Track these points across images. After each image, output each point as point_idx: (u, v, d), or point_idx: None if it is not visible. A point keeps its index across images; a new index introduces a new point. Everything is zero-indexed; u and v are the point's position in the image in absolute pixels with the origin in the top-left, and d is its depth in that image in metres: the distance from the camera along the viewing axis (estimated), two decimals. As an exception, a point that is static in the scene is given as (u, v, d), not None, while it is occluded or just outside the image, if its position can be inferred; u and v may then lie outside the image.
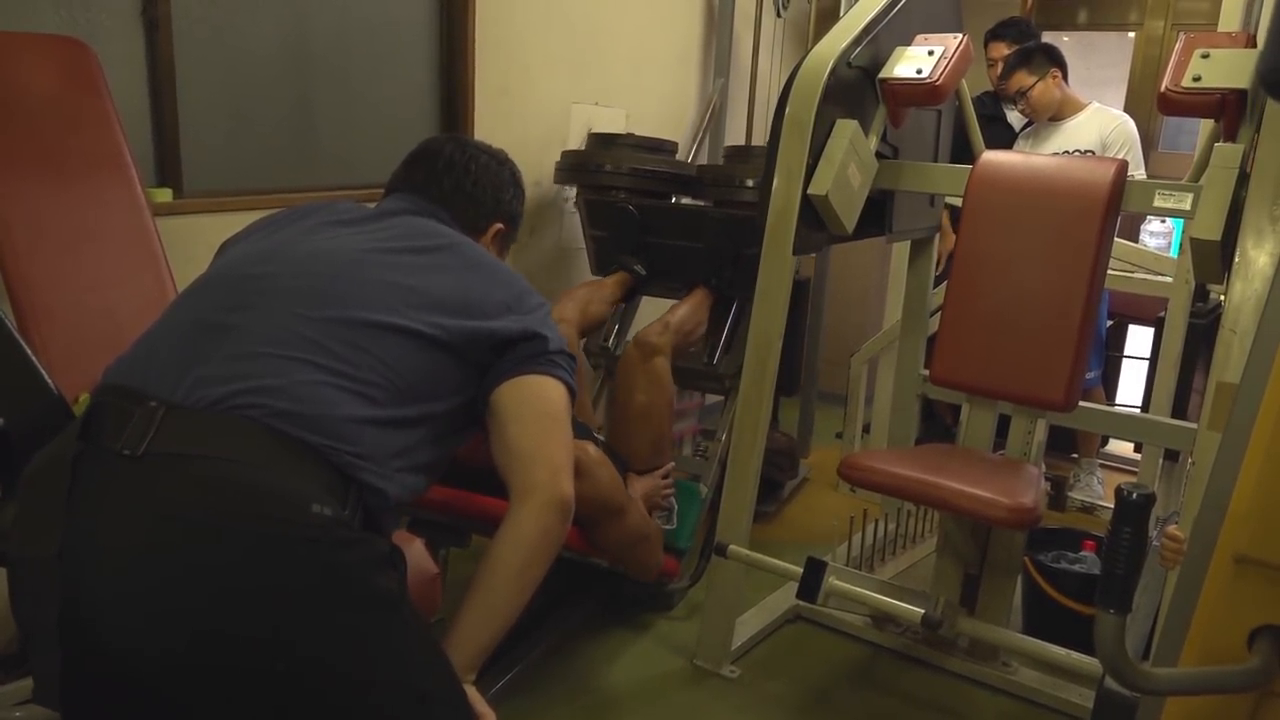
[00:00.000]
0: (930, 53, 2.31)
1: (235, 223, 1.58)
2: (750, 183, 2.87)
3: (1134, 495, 0.91)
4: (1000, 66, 3.66)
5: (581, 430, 2.24)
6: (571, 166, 3.19)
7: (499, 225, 1.59)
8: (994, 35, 3.81)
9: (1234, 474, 0.92)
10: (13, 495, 1.18)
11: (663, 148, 3.24)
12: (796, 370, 3.42)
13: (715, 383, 3.04)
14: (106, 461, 1.13)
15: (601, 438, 2.51)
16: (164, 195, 2.39)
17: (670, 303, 2.93)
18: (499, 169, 1.60)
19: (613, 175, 3.08)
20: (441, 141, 1.60)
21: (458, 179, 1.54)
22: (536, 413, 1.34)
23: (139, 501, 1.10)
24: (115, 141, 2.11)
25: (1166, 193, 2.14)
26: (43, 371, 1.32)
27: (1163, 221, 4.36)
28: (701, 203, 3.17)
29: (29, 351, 1.33)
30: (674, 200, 3.25)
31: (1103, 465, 3.86)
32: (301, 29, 2.72)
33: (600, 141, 3.22)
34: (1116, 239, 2.52)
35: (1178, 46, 2.08)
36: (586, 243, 3.25)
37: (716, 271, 2.92)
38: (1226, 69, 1.98)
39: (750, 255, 2.40)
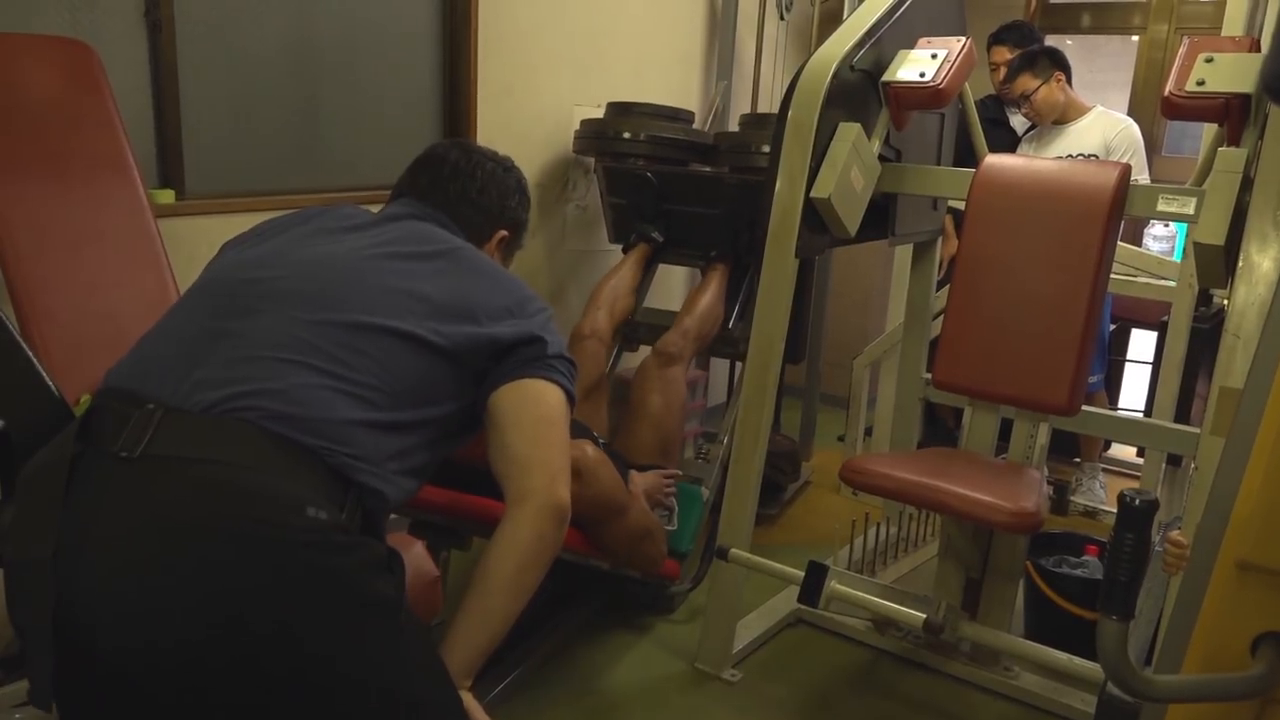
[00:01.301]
0: (933, 56, 2.31)
1: (237, 224, 1.58)
2: (765, 148, 2.87)
3: (1137, 501, 0.91)
4: (1002, 70, 3.66)
5: (580, 430, 2.24)
6: (591, 134, 3.21)
7: (503, 232, 1.59)
8: (996, 39, 3.81)
9: (1237, 479, 0.92)
10: (11, 496, 1.18)
11: (680, 116, 3.26)
12: (803, 336, 3.42)
13: (730, 347, 3.08)
14: (104, 464, 1.13)
15: (602, 440, 2.51)
16: (166, 197, 2.39)
17: (684, 272, 2.94)
18: (504, 176, 1.60)
19: (631, 143, 3.11)
20: (447, 147, 1.60)
21: (463, 185, 1.54)
22: (533, 417, 1.33)
23: (135, 504, 1.10)
24: (117, 143, 2.11)
25: (1170, 197, 2.13)
26: (44, 373, 1.32)
27: (1166, 225, 4.36)
28: (718, 169, 3.18)
29: (30, 353, 1.32)
30: (691, 167, 3.27)
31: (1105, 469, 3.85)
32: (304, 30, 2.72)
33: (619, 110, 3.25)
34: (1120, 243, 2.51)
35: (1182, 51, 2.08)
36: (605, 210, 3.29)
37: (733, 237, 2.95)
38: (1230, 73, 1.97)
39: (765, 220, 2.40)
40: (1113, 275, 2.32)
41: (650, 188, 3.06)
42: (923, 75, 2.28)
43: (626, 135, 3.12)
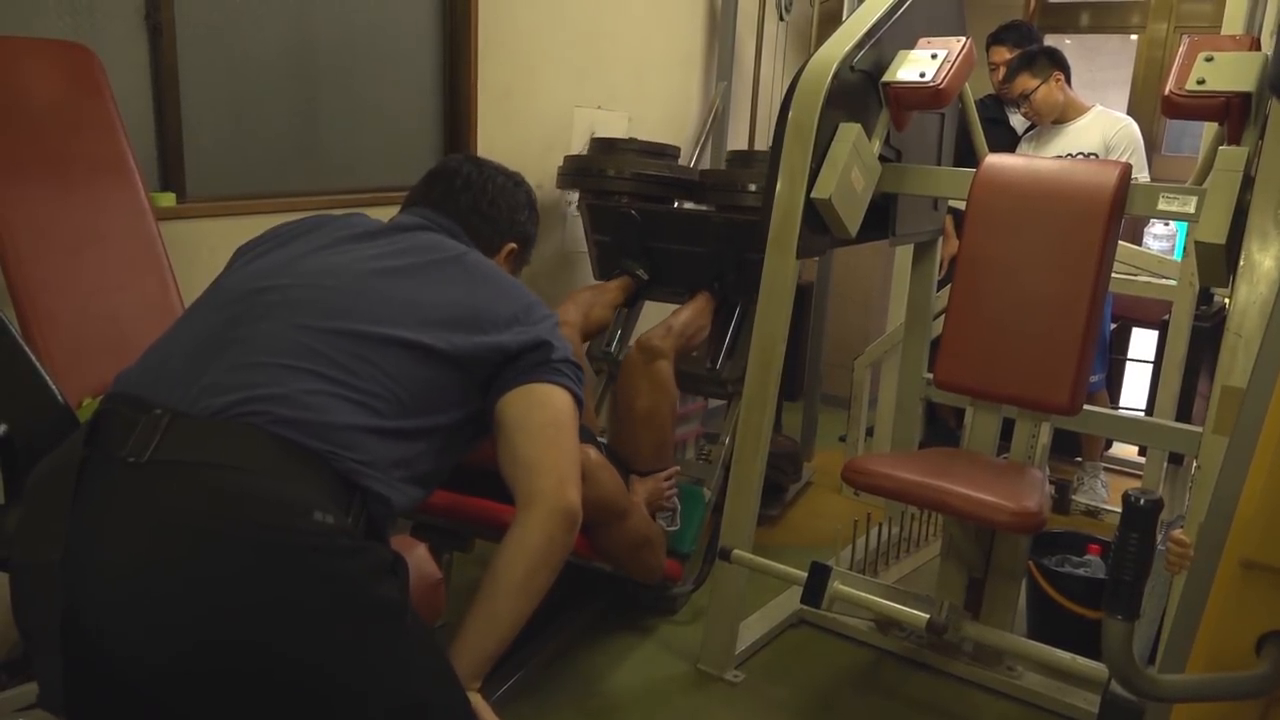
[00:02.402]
0: (933, 56, 2.31)
1: (238, 227, 1.58)
2: (753, 187, 2.87)
3: (1142, 501, 0.91)
4: (1001, 70, 3.66)
5: (583, 434, 2.24)
6: (574, 171, 3.18)
7: (512, 245, 1.61)
8: (995, 39, 3.81)
9: (1241, 478, 0.92)
10: (16, 501, 1.18)
11: (665, 152, 3.23)
12: (799, 375, 3.40)
13: (718, 387, 3.03)
14: (111, 468, 1.13)
15: (604, 440, 2.51)
16: (167, 199, 2.39)
17: (673, 307, 2.93)
18: (514, 190, 1.62)
19: (615, 180, 3.08)
20: (460, 161, 1.62)
21: (474, 198, 1.56)
22: (542, 421, 1.34)
23: (142, 508, 1.10)
24: (118, 146, 2.11)
25: (1171, 196, 2.13)
26: (47, 377, 1.32)
27: (1166, 224, 4.36)
28: (704, 207, 3.17)
29: (33, 357, 1.32)
30: (676, 205, 3.25)
31: (1107, 468, 3.85)
32: (305, 33, 2.72)
33: (603, 146, 3.22)
34: (1120, 242, 2.51)
35: (1182, 49, 2.08)
36: (589, 247, 3.25)
37: (719, 276, 2.92)
38: (1231, 72, 1.97)
39: (752, 260, 2.40)
40: (1113, 274, 2.32)
41: (634, 225, 3.02)
42: (923, 75, 2.28)
43: (611, 172, 3.07)
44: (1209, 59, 2.01)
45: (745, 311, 2.91)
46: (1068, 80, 3.48)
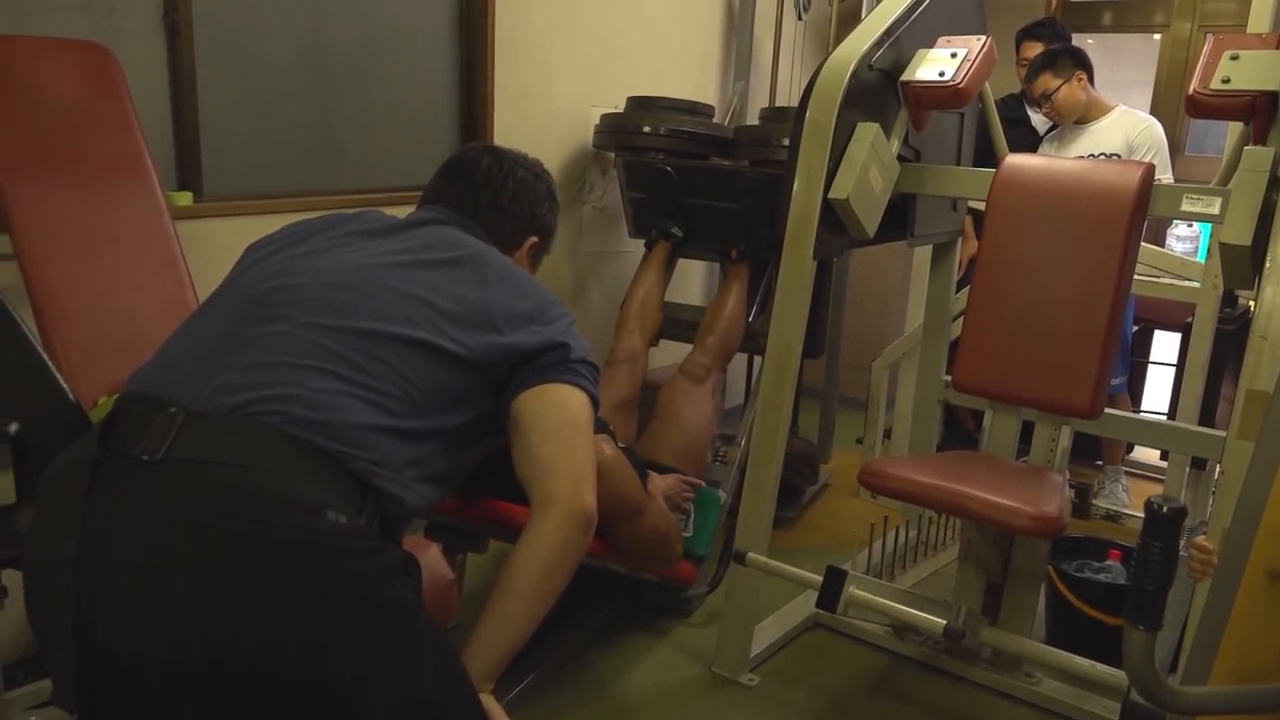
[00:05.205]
0: (953, 55, 2.28)
1: (255, 226, 1.58)
2: (786, 141, 2.87)
3: (1165, 509, 0.89)
4: (1033, 67, 3.63)
5: (597, 425, 2.24)
6: (611, 129, 3.22)
7: (534, 239, 1.59)
8: (1028, 35, 3.78)
9: (1267, 485, 0.90)
10: (28, 499, 1.18)
11: (699, 110, 3.26)
12: (821, 332, 3.40)
13: (750, 341, 3.08)
14: (125, 466, 1.13)
15: (623, 446, 2.50)
16: (184, 199, 2.40)
17: (703, 265, 2.95)
18: (535, 182, 1.59)
19: (651, 137, 3.12)
20: (478, 152, 1.59)
21: (494, 195, 1.53)
22: (558, 422, 1.33)
23: (155, 506, 1.10)
24: (136, 145, 2.12)
25: (1195, 197, 2.10)
26: (58, 377, 1.32)
27: (1189, 226, 4.31)
28: (738, 163, 3.19)
29: (45, 357, 1.33)
30: (710, 161, 3.27)
31: (1128, 473, 3.81)
32: (322, 33, 2.73)
33: (639, 104, 3.25)
34: (1143, 243, 2.48)
35: (1206, 48, 2.05)
36: (624, 205, 3.31)
37: (753, 231, 2.96)
38: (1256, 71, 1.95)
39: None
40: (1136, 276, 2.30)
41: (670, 182, 3.06)
42: (942, 74, 2.26)
43: (646, 129, 3.13)
44: (1234, 57, 1.98)
45: (778, 267, 2.94)
46: (1090, 80, 3.45)
